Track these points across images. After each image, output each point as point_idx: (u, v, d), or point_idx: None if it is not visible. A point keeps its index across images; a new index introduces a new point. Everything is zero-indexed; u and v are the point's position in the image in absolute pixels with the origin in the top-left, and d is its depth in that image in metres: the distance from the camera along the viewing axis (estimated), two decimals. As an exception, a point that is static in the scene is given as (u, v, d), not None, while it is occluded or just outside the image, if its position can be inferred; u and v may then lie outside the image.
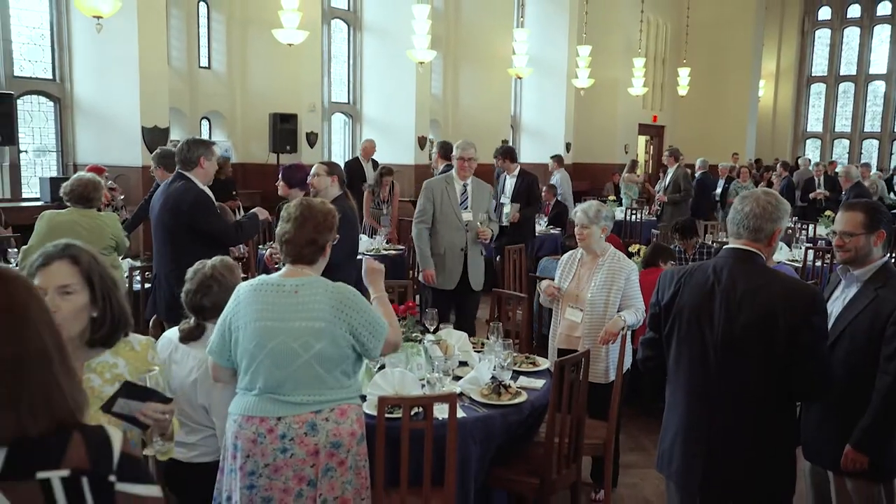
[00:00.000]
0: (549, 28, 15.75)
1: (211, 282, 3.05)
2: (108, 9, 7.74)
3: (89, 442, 1.39)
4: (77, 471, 1.35)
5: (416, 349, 3.58)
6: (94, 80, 9.19)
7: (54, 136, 9.35)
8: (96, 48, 8.87)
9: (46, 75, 9.20)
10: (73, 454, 1.36)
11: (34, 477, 1.32)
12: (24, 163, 9.08)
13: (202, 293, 3.05)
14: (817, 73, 23.78)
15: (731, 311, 2.52)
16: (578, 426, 3.48)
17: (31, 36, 9.09)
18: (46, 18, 9.13)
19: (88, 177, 5.12)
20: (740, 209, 2.61)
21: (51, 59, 9.21)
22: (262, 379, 2.62)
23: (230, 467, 2.66)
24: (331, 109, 12.94)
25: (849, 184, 9.97)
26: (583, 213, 4.16)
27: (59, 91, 9.25)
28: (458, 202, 5.48)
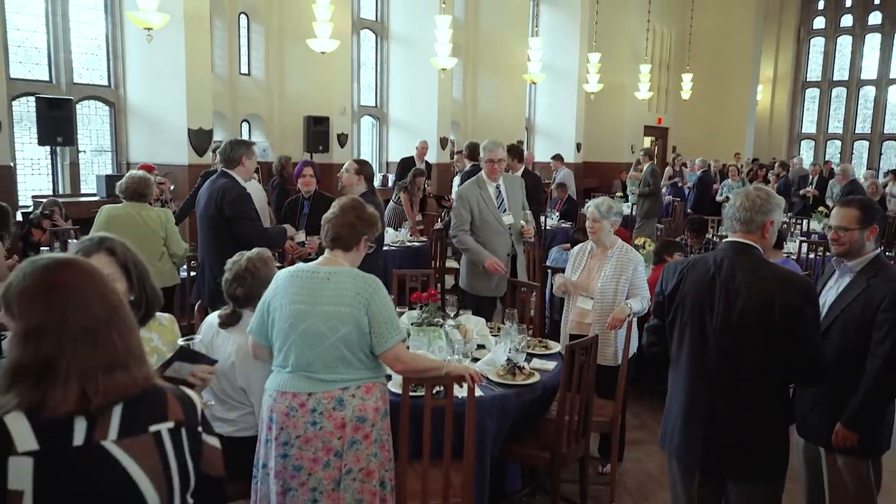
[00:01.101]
0: (561, 37, 15.66)
1: (245, 273, 3.06)
2: (158, 21, 7.79)
3: (181, 400, 1.51)
4: (178, 423, 1.47)
5: (438, 333, 3.57)
6: (145, 86, 9.25)
7: (109, 137, 9.44)
8: (147, 57, 8.94)
9: (102, 82, 9.28)
10: (173, 409, 1.47)
11: (147, 430, 1.42)
12: (82, 162, 9.17)
13: (237, 283, 3.06)
14: (812, 79, 23.44)
15: (730, 300, 2.49)
16: (587, 405, 3.46)
17: (88, 47, 9.16)
18: (103, 31, 9.19)
19: (140, 174, 5.15)
20: (733, 203, 2.62)
21: (106, 68, 9.29)
22: (294, 357, 2.63)
23: (266, 438, 2.67)
24: (360, 112, 12.94)
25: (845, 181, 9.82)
26: (595, 209, 4.13)
27: (113, 96, 9.33)
28: (496, 206, 4.93)
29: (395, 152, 13.21)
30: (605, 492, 3.95)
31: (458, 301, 4.06)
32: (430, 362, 2.88)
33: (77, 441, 1.36)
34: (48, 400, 1.34)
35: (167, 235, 5.08)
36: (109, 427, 1.38)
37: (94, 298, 1.41)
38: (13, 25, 8.37)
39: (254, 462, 2.75)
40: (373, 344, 2.63)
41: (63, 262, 1.46)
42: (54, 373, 1.35)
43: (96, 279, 1.45)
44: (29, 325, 1.37)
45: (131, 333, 1.46)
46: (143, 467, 1.40)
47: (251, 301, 3.02)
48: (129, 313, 1.48)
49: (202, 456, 1.52)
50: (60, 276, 1.41)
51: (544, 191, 8.54)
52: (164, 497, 1.42)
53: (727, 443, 2.53)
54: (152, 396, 1.46)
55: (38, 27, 8.64)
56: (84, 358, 1.37)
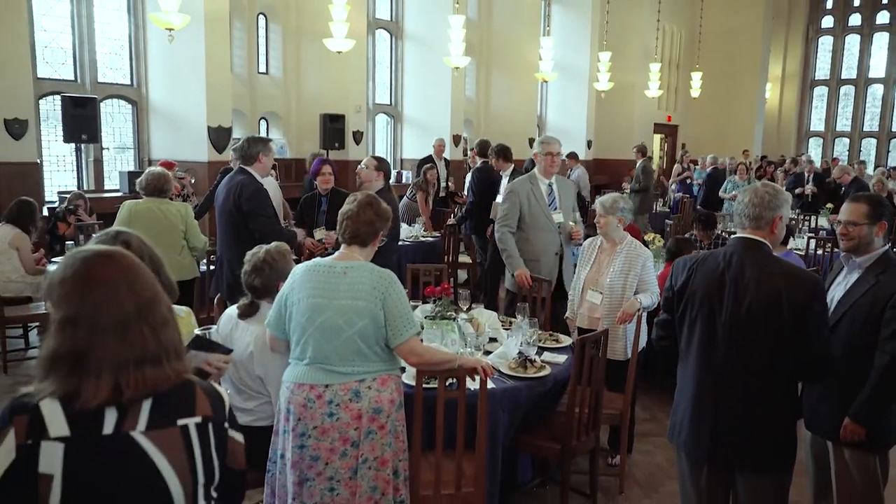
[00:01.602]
0: (572, 36, 15.58)
1: (263, 265, 3.07)
2: (179, 22, 7.82)
3: (210, 396, 1.52)
4: (206, 418, 1.48)
5: (451, 326, 3.56)
6: (166, 85, 9.29)
7: (132, 134, 9.49)
8: (168, 57, 8.98)
9: (125, 81, 9.33)
10: (201, 404, 1.49)
11: (175, 424, 1.44)
12: (106, 158, 9.23)
13: (255, 274, 3.08)
14: (820, 77, 23.19)
15: (738, 295, 2.47)
16: (597, 397, 3.44)
17: (112, 47, 9.20)
18: (125, 31, 9.23)
19: (159, 171, 5.17)
20: (741, 200, 2.59)
21: (129, 67, 9.33)
22: (311, 350, 2.63)
23: (283, 429, 2.67)
24: (375, 110, 12.94)
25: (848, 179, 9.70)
26: (600, 205, 4.11)
27: (136, 95, 9.37)
28: (547, 203, 4.76)
29: (409, 150, 13.21)
30: (615, 483, 3.93)
31: (470, 295, 4.05)
32: (444, 355, 2.88)
33: (107, 430, 1.38)
34: (82, 390, 1.36)
35: (187, 229, 5.10)
36: (139, 418, 1.40)
37: (124, 292, 1.42)
38: (40, 26, 8.42)
39: (269, 455, 2.75)
40: (388, 337, 2.62)
41: (102, 254, 1.47)
42: (87, 363, 1.37)
43: (132, 273, 1.46)
44: (65, 315, 1.39)
45: (164, 327, 1.46)
46: (169, 459, 1.41)
47: (268, 292, 3.04)
48: (162, 308, 1.48)
49: (227, 451, 1.53)
50: (95, 269, 1.42)
51: None
52: (188, 490, 1.43)
53: (735, 436, 2.51)
54: (182, 391, 1.47)
55: (64, 28, 8.69)
56: (114, 350, 1.38)
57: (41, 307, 5.50)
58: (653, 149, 18.50)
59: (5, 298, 5.48)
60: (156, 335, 1.43)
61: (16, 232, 5.80)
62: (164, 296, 1.52)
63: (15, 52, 7.39)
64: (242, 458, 1.60)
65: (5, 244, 5.73)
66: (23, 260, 5.81)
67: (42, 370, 1.39)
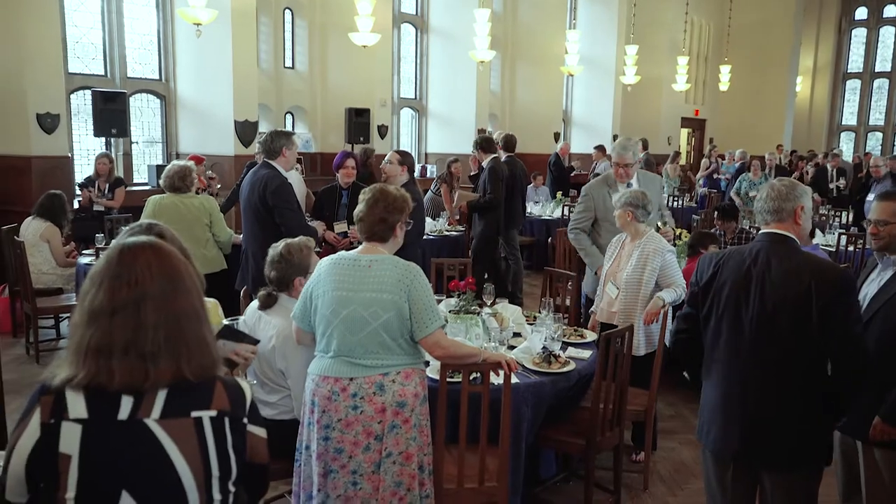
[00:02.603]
0: (598, 29, 15.43)
1: (280, 259, 3.09)
2: (206, 17, 7.89)
3: (229, 390, 1.53)
4: (222, 412, 1.49)
5: (475, 321, 3.56)
6: (193, 79, 9.39)
7: (160, 129, 9.61)
8: (196, 52, 9.07)
9: (154, 76, 9.44)
10: (218, 398, 1.49)
11: (189, 415, 1.45)
12: (135, 152, 9.36)
13: (271, 267, 3.11)
14: (853, 70, 22.70)
15: (765, 290, 2.43)
16: (622, 393, 3.42)
17: (141, 42, 9.32)
18: (154, 26, 9.35)
19: (179, 165, 5.21)
20: (760, 197, 2.58)
21: (158, 62, 9.45)
22: (336, 343, 2.64)
23: (308, 421, 2.69)
24: (399, 104, 12.95)
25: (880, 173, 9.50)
26: (615, 200, 4.11)
27: (164, 89, 9.49)
28: None
29: (433, 144, 13.21)
30: (639, 480, 3.90)
31: (493, 290, 4.04)
32: (469, 349, 2.87)
33: (122, 415, 1.41)
34: (100, 376, 1.40)
35: (212, 221, 5.15)
36: (153, 407, 1.43)
37: (147, 287, 1.44)
38: (72, 22, 8.56)
39: (296, 445, 2.78)
40: (413, 330, 2.63)
41: (129, 247, 1.49)
42: (109, 351, 1.40)
43: (157, 268, 1.47)
44: (91, 306, 1.43)
45: (187, 322, 1.48)
46: (181, 449, 1.43)
47: (285, 286, 3.07)
48: (189, 303, 1.49)
49: (246, 447, 1.53)
50: (119, 261, 1.46)
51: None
52: (200, 481, 1.45)
53: (764, 435, 2.46)
54: (201, 383, 1.48)
55: (95, 24, 8.82)
56: (127, 341, 1.41)
57: (72, 298, 5.60)
58: (679, 143, 18.29)
59: (37, 290, 5.59)
60: (171, 327, 1.45)
61: (47, 225, 5.91)
62: (197, 290, 1.54)
63: (47, 48, 7.52)
64: (265, 452, 1.61)
65: (37, 237, 5.85)
66: (54, 252, 5.92)
67: (69, 355, 1.43)
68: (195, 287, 1.53)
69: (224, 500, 1.51)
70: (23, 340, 5.83)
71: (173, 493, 1.43)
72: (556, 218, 9.27)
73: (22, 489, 1.44)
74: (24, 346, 5.77)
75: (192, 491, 1.44)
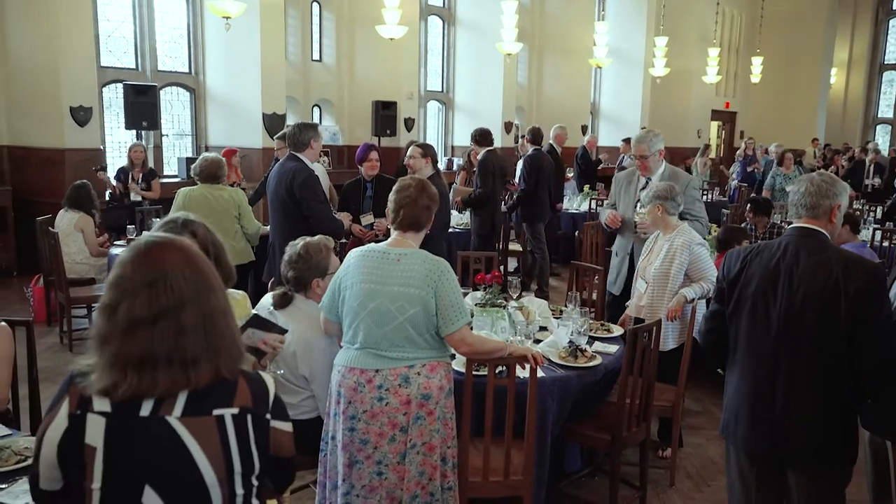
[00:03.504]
0: (628, 21, 15.27)
1: (299, 259, 3.02)
2: (236, 10, 7.96)
3: (252, 385, 1.52)
4: (244, 409, 1.49)
5: (501, 314, 3.55)
6: (222, 72, 9.49)
7: (189, 121, 9.73)
8: (225, 45, 9.16)
9: (184, 69, 9.55)
10: (241, 395, 1.49)
11: (211, 413, 1.45)
12: (165, 145, 9.49)
13: (289, 266, 3.04)
14: (890, 61, 22.17)
15: (793, 285, 2.38)
16: (648, 389, 3.40)
17: (171, 35, 9.43)
18: (184, 20, 9.45)
19: (212, 157, 5.27)
20: (797, 190, 2.50)
21: (187, 56, 9.56)
22: (362, 335, 2.65)
23: (334, 411, 2.71)
24: (426, 97, 12.95)
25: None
26: (644, 198, 4.05)
27: (194, 83, 9.60)
28: (635, 199, 4.48)
29: (460, 137, 13.19)
30: (665, 476, 3.88)
31: (519, 283, 4.02)
32: (495, 344, 2.87)
33: (144, 412, 1.43)
34: (142, 387, 1.40)
35: (241, 214, 5.20)
36: (175, 406, 1.43)
37: (184, 291, 1.44)
38: (104, 16, 8.69)
39: (322, 436, 2.80)
40: (439, 326, 2.63)
41: (148, 245, 1.49)
42: (154, 363, 1.40)
43: (189, 270, 1.46)
44: (130, 315, 1.42)
45: (221, 319, 1.47)
46: (202, 446, 1.43)
47: (301, 286, 3.01)
48: (218, 301, 1.49)
49: (269, 442, 1.53)
50: (150, 265, 1.45)
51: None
52: (221, 476, 1.45)
53: (791, 434, 2.42)
54: (222, 384, 1.48)
55: (126, 18, 8.94)
56: (169, 349, 1.41)
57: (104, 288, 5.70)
58: (709, 136, 18.04)
59: (71, 280, 5.70)
60: (185, 335, 1.43)
61: (80, 215, 6.02)
62: (220, 285, 1.53)
63: (80, 42, 7.65)
64: (289, 445, 1.61)
65: (70, 227, 5.96)
66: (87, 242, 6.03)
67: (105, 366, 1.43)
68: (219, 283, 1.53)
69: (247, 494, 1.51)
70: (57, 329, 5.96)
71: (196, 489, 1.44)
72: (583, 212, 9.20)
73: (56, 475, 1.46)
74: (57, 334, 5.90)
75: (215, 487, 1.45)
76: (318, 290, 3.00)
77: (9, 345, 2.76)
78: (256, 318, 2.22)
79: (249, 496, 1.52)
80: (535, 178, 7.43)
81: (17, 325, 3.03)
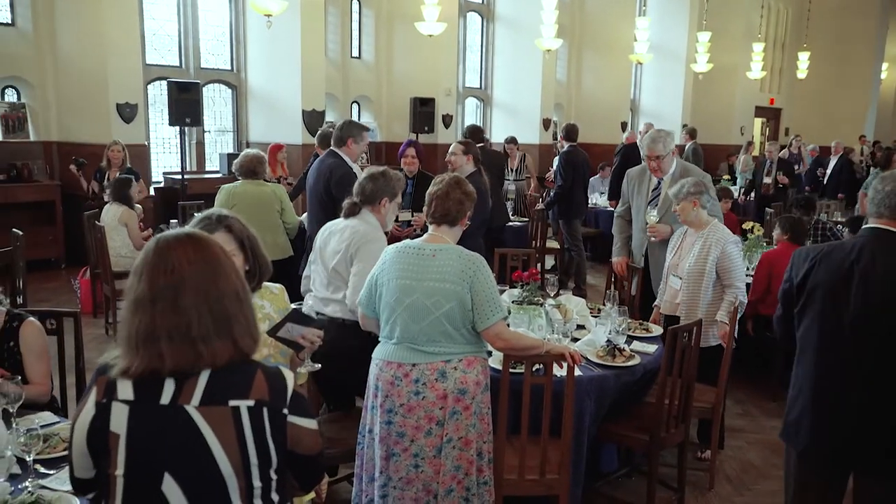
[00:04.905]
0: (669, 15, 15.02)
1: (381, 176, 3.32)
2: (277, 8, 8.05)
3: (270, 379, 1.53)
4: (260, 402, 1.50)
5: (538, 312, 3.54)
6: (263, 69, 9.62)
7: (231, 118, 9.89)
8: (266, 43, 9.28)
9: (226, 66, 9.71)
10: (257, 388, 1.51)
11: (227, 404, 1.48)
12: (207, 141, 9.67)
13: (369, 179, 3.32)
14: (945, 56, 21.42)
15: (868, 290, 2.27)
16: (688, 389, 3.34)
17: (214, 33, 9.60)
18: (227, 18, 9.61)
19: (253, 153, 5.34)
20: (881, 189, 2.35)
21: (229, 53, 9.71)
22: (399, 330, 2.67)
23: (372, 404, 2.74)
24: (464, 94, 12.94)
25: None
26: (671, 195, 3.98)
27: (235, 80, 9.75)
28: (648, 199, 4.42)
29: (498, 133, 13.15)
30: (704, 478, 3.81)
31: (557, 281, 4.00)
32: (531, 341, 2.86)
33: (164, 400, 1.47)
34: (154, 362, 1.46)
35: (283, 208, 5.27)
36: (194, 393, 1.47)
37: (184, 273, 1.48)
38: (149, 15, 8.88)
39: (359, 429, 2.83)
40: (475, 321, 2.63)
41: (165, 239, 1.54)
42: (156, 337, 1.46)
43: (193, 255, 1.51)
44: (135, 296, 1.49)
45: (230, 303, 1.50)
46: (218, 436, 1.46)
47: (372, 200, 3.29)
48: (230, 285, 1.52)
49: (286, 437, 1.54)
50: (156, 252, 1.51)
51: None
52: (237, 468, 1.47)
53: (862, 439, 2.32)
54: (240, 372, 1.51)
55: (171, 16, 9.13)
56: (170, 325, 1.46)
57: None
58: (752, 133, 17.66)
59: (116, 272, 5.84)
60: (210, 312, 1.48)
61: (123, 209, 6.16)
62: (237, 274, 1.57)
63: (127, 40, 7.84)
64: (311, 442, 1.60)
65: (115, 221, 6.11)
66: (130, 235, 6.17)
67: (123, 346, 1.50)
68: (234, 270, 1.56)
69: (265, 487, 1.52)
70: (102, 320, 6.12)
71: (212, 479, 1.46)
72: (622, 209, 9.08)
73: (88, 463, 1.52)
74: (103, 325, 6.05)
75: (231, 477, 1.47)
76: (383, 209, 3.34)
77: (42, 339, 2.84)
78: (296, 312, 2.24)
79: (268, 490, 1.53)
80: (570, 174, 7.38)
81: (65, 317, 3.12)
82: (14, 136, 7.98)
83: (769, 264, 4.87)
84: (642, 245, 4.52)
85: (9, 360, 2.74)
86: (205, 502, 1.48)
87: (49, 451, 2.27)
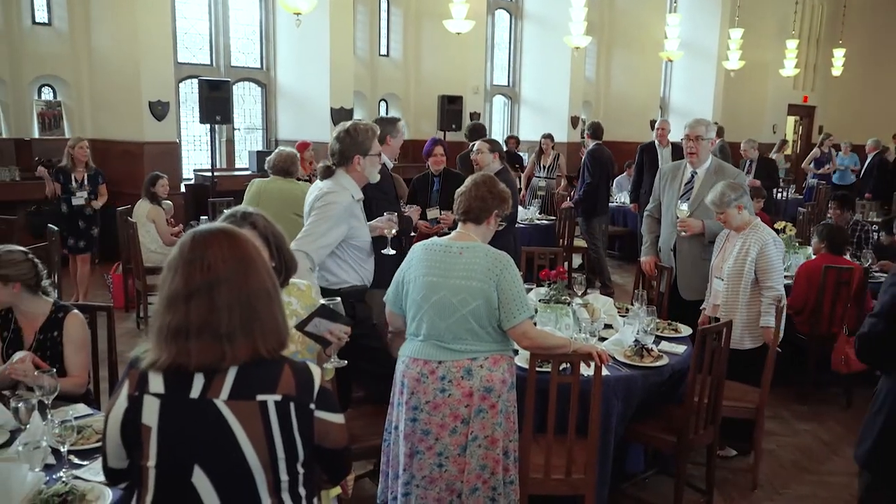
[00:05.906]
0: (701, 12, 14.81)
1: (346, 135, 3.37)
2: (306, 6, 8.09)
3: (297, 374, 1.55)
4: (287, 397, 1.52)
5: (565, 311, 3.52)
6: (292, 68, 9.69)
7: (260, 116, 9.98)
8: (295, 41, 9.35)
9: (255, 65, 9.81)
10: (284, 383, 1.52)
11: (255, 398, 1.49)
12: (236, 139, 9.78)
13: (336, 141, 3.38)
14: None
15: None
16: (717, 390, 3.30)
17: (244, 32, 9.70)
18: (257, 17, 9.70)
19: (288, 152, 5.38)
20: None
21: (259, 51, 9.80)
22: (425, 327, 2.68)
23: (398, 401, 2.75)
24: (492, 92, 12.92)
25: None
26: (712, 205, 3.91)
27: (265, 78, 9.84)
28: (680, 193, 4.34)
29: (525, 131, 13.10)
30: (733, 480, 3.77)
31: (584, 280, 3.98)
32: (557, 340, 2.85)
33: (193, 394, 1.49)
34: (180, 356, 1.47)
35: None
36: (223, 388, 1.49)
37: (220, 270, 1.49)
38: (181, 14, 9.00)
39: (385, 426, 2.84)
40: (501, 319, 2.63)
41: (201, 234, 1.55)
42: (186, 333, 1.47)
43: (228, 252, 1.52)
44: (169, 291, 1.50)
45: (258, 301, 1.52)
46: (246, 430, 1.48)
47: (344, 160, 3.36)
48: (260, 283, 1.53)
49: (313, 431, 1.56)
50: (192, 248, 1.52)
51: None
52: (265, 461, 1.49)
53: None
54: (268, 367, 1.53)
55: (202, 15, 9.24)
56: (202, 322, 1.47)
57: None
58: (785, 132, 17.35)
59: (147, 268, 5.94)
60: (252, 307, 1.50)
61: (151, 206, 6.26)
62: (268, 271, 1.58)
63: (159, 39, 7.96)
64: (338, 437, 1.62)
65: (143, 217, 6.21)
66: (159, 231, 6.27)
67: (153, 339, 1.52)
68: (266, 268, 1.57)
69: (293, 480, 1.54)
70: (133, 315, 6.22)
71: (240, 472, 1.48)
72: (651, 208, 8.99)
73: (121, 454, 1.55)
74: (134, 320, 6.16)
75: (259, 471, 1.49)
76: (358, 167, 3.35)
77: (84, 332, 2.90)
78: (323, 308, 2.26)
79: (295, 484, 1.55)
80: (598, 172, 7.33)
81: (99, 311, 3.18)
82: (50, 132, 8.16)
83: (807, 276, 4.78)
84: (670, 240, 4.46)
85: (51, 350, 2.81)
86: (233, 495, 1.50)
87: (82, 443, 2.32)
